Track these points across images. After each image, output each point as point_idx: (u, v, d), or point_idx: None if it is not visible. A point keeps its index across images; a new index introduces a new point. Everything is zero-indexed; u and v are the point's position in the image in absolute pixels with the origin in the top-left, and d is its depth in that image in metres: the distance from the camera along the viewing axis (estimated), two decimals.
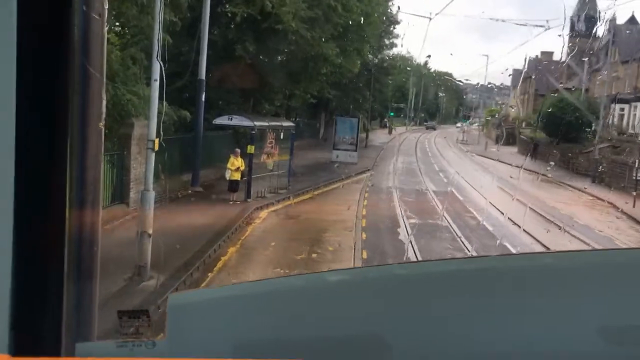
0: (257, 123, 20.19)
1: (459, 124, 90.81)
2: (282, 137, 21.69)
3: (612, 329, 1.43)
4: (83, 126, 1.76)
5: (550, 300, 1.45)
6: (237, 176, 19.07)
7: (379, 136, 59.34)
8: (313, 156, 32.50)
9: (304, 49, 28.05)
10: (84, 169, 1.76)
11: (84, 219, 1.76)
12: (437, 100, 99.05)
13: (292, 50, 28.47)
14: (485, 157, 45.89)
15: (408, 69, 72.34)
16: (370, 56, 42.92)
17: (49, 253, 1.52)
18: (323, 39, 28.14)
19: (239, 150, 19.40)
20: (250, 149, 19.34)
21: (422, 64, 78.35)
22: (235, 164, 19.08)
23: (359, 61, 35.99)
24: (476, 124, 74.55)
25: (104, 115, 1.90)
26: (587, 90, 53.48)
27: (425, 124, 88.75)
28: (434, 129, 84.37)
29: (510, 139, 62.60)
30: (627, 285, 1.45)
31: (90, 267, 1.80)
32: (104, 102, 1.90)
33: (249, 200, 19.31)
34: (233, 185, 19.09)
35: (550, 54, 64.06)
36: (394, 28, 48.05)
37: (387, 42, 47.60)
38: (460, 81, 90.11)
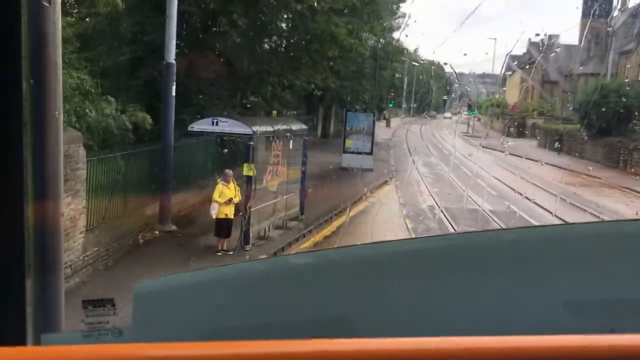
0: (258, 128, 13.15)
1: (447, 114, 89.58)
2: (291, 146, 14.75)
3: (575, 303, 1.43)
4: (40, 116, 1.72)
5: (512, 276, 1.45)
6: (228, 212, 12.12)
7: (378, 130, 52.77)
8: (317, 161, 25.65)
9: (307, 24, 21.46)
10: (44, 160, 1.73)
11: (46, 211, 1.76)
12: (430, 90, 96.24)
13: (292, 27, 21.86)
14: (509, 153, 39.72)
15: (402, 58, 67.34)
16: (374, 39, 36.53)
17: (9, 246, 1.54)
18: (333, 12, 21.53)
19: (231, 173, 12.26)
20: (249, 169, 12.35)
21: (412, 51, 73.24)
22: (226, 194, 12.12)
23: (370, 43, 29.65)
24: (466, 113, 69.51)
25: (61, 104, 1.82)
26: (612, 75, 48.02)
27: (427, 114, 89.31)
28: (434, 117, 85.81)
29: (522, 131, 57.15)
30: (589, 259, 1.46)
31: (54, 258, 1.79)
32: (61, 91, 1.83)
33: (246, 247, 12.46)
34: (223, 227, 12.17)
35: (557, 37, 57.99)
36: (399, 7, 42.26)
37: (392, 23, 41.24)
38: (448, 71, 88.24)
